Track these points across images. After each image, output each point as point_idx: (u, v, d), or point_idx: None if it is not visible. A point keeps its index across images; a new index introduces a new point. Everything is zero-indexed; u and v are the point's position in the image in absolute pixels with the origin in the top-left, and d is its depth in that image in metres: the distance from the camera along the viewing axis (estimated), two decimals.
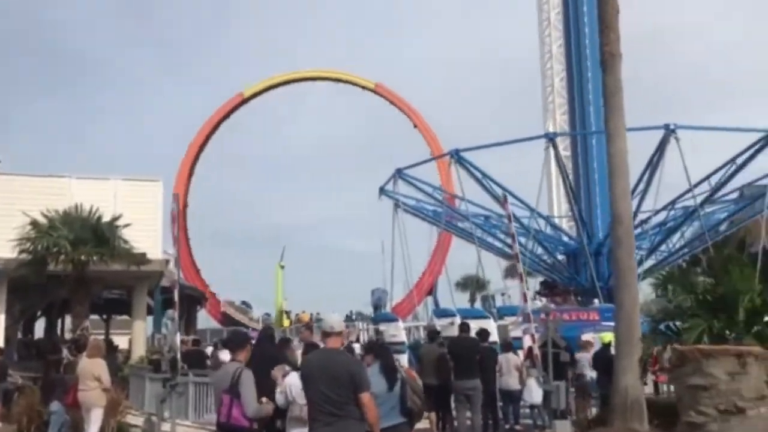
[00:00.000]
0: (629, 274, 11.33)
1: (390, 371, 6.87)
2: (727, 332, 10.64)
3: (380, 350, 7.52)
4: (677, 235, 28.70)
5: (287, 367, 7.66)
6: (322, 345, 6.35)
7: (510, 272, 56.23)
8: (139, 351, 21.85)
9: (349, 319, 48.72)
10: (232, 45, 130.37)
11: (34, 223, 15.30)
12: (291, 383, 7.51)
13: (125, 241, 15.66)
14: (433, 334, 12.38)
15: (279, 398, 7.27)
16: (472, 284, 59.95)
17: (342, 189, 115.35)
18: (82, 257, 15.10)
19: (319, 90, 61.81)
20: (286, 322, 45.61)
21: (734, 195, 28.82)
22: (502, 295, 37.31)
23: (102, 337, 25.14)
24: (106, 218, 15.93)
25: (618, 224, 11.47)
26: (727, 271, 10.74)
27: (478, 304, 53.80)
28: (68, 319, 41.22)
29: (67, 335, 37.30)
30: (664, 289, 11.54)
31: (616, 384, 11.04)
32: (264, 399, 6.62)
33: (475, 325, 14.32)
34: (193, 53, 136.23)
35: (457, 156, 24.30)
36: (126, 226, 15.68)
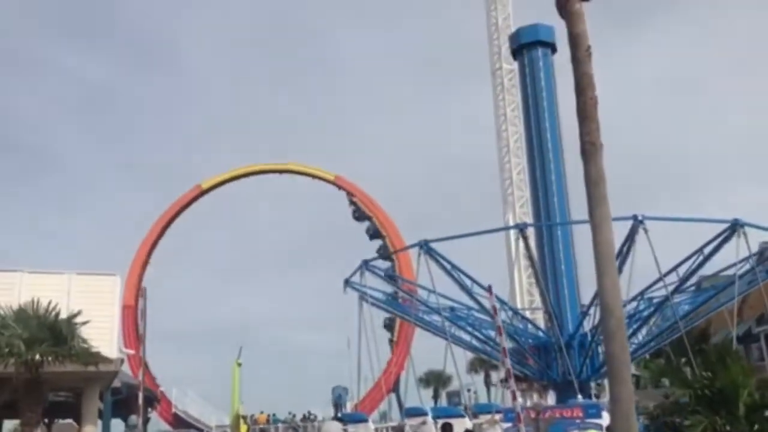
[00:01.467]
0: (624, 368, 10.71)
1: None
2: (728, 428, 10.23)
3: None
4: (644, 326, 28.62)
5: None
6: None
7: (474, 366, 55.64)
8: None
9: (307, 419, 46.78)
10: (188, 136, 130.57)
11: None
12: None
13: (84, 340, 14.57)
14: None
15: None
16: (435, 379, 58.82)
17: (302, 283, 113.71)
18: (37, 357, 13.93)
19: (278, 181, 61.53)
20: (243, 429, 43.28)
21: (692, 286, 29.10)
22: (468, 390, 36.27)
23: None
24: (62, 315, 14.86)
25: (609, 316, 10.93)
26: (725, 365, 10.42)
27: (441, 401, 52.53)
28: (6, 424, 38.64)
29: None
30: (656, 382, 11.17)
31: None
32: None
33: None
34: (149, 145, 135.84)
35: (426, 247, 24.01)
36: (85, 323, 14.65)
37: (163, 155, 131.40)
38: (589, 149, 12.05)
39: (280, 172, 58.05)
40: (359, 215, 55.48)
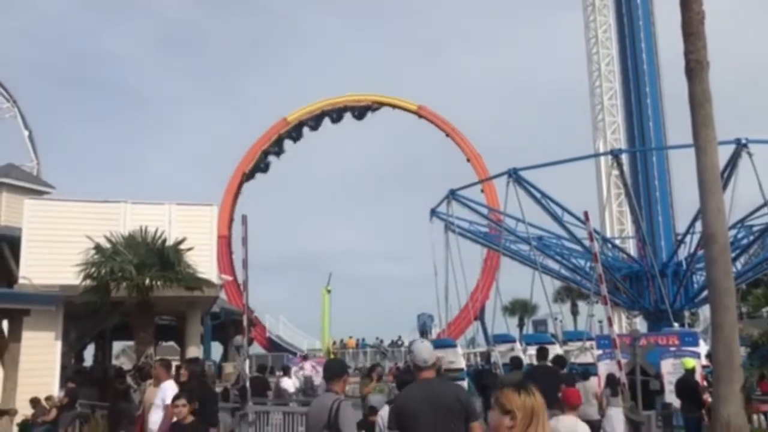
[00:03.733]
0: (727, 295, 10.52)
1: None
2: None
3: (481, 388, 7.00)
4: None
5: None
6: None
7: (560, 296, 55.30)
8: None
9: (395, 344, 48.01)
10: (275, 72, 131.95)
11: (98, 248, 15.02)
12: (385, 416, 6.96)
13: (189, 266, 15.30)
14: (516, 361, 11.66)
15: None
16: (520, 308, 58.86)
17: (387, 214, 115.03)
18: (147, 282, 14.75)
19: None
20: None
21: None
22: (555, 319, 36.09)
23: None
24: (168, 242, 15.60)
25: (713, 243, 10.69)
26: None
27: (527, 330, 52.70)
28: (115, 346, 41.43)
29: (114, 362, 37.39)
30: (759, 308, 10.77)
31: (716, 413, 10.21)
32: None
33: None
34: (237, 81, 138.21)
35: (515, 175, 23.63)
36: (189, 249, 15.34)
37: (251, 90, 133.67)
38: (695, 67, 11.49)
39: (364, 103, 57.98)
40: None
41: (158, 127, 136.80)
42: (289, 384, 16.87)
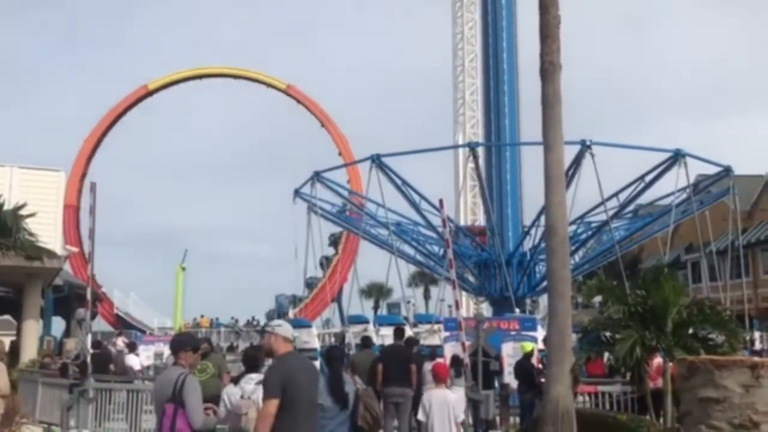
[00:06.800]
0: (563, 283, 11.30)
1: (336, 386, 6.56)
2: (654, 343, 10.94)
3: (328, 360, 7.17)
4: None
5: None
6: None
7: (414, 280, 57.10)
8: (30, 354, 20.24)
9: (250, 325, 47.58)
10: (139, 38, 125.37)
11: None
12: (230, 393, 6.99)
13: (31, 234, 14.28)
14: (367, 340, 11.97)
15: (221, 409, 6.70)
16: (376, 291, 60.31)
17: (246, 192, 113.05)
18: None
19: (226, 88, 60.11)
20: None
21: (629, 213, 30.27)
22: (408, 302, 37.30)
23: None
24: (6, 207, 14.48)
25: (553, 234, 11.42)
26: (659, 285, 11.02)
27: (381, 312, 53.99)
28: None
29: None
30: (591, 298, 11.67)
31: (547, 393, 10.96)
32: (210, 408, 6.03)
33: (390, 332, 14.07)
34: (97, 44, 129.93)
35: (378, 161, 24.07)
36: (31, 215, 14.30)
37: (113, 57, 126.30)
38: (549, 69, 12.16)
39: (232, 77, 56.54)
40: None
41: (4, 86, 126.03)
42: (135, 361, 16.31)
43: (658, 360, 11.52)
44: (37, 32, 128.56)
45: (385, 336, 19.72)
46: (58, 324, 36.82)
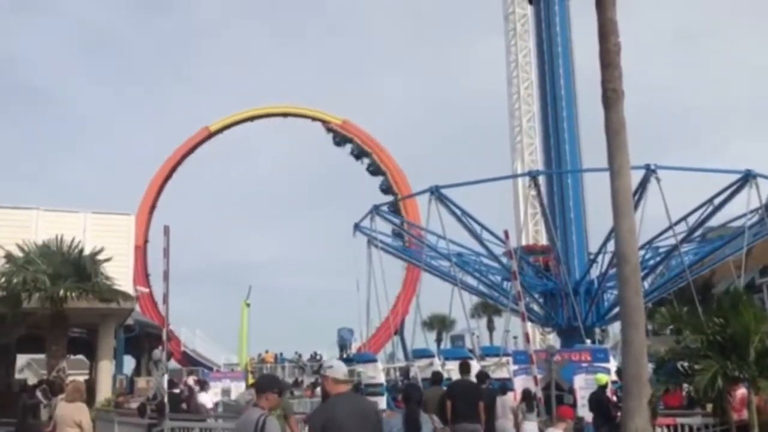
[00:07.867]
0: (637, 313, 11.02)
1: (413, 428, 6.51)
2: (737, 373, 10.49)
3: (405, 400, 7.11)
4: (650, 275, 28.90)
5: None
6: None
7: (477, 311, 56.40)
8: (104, 393, 20.78)
9: (314, 359, 47.71)
10: (199, 81, 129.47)
11: (9, 257, 14.34)
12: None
13: (107, 277, 14.79)
14: (437, 376, 11.87)
15: None
16: (438, 323, 59.72)
17: (308, 227, 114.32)
18: (61, 293, 14.16)
19: (284, 126, 61.33)
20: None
21: (698, 237, 29.29)
22: (473, 334, 36.81)
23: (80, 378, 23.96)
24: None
25: (625, 263, 11.19)
26: (738, 311, 10.60)
27: (444, 344, 53.44)
28: (19, 359, 39.38)
29: (18, 376, 35.54)
30: (665, 327, 11.29)
31: (625, 426, 10.65)
32: None
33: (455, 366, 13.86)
34: (159, 89, 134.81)
35: (437, 192, 24.07)
36: (107, 260, 14.84)
37: (171, 99, 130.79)
38: (612, 96, 12.04)
39: (288, 115, 57.76)
40: (359, 153, 55.60)
41: (69, 133, 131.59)
42: (207, 399, 16.52)
43: (742, 391, 11.03)
44: (99, 80, 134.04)
45: (450, 370, 19.44)
46: (128, 362, 37.78)
